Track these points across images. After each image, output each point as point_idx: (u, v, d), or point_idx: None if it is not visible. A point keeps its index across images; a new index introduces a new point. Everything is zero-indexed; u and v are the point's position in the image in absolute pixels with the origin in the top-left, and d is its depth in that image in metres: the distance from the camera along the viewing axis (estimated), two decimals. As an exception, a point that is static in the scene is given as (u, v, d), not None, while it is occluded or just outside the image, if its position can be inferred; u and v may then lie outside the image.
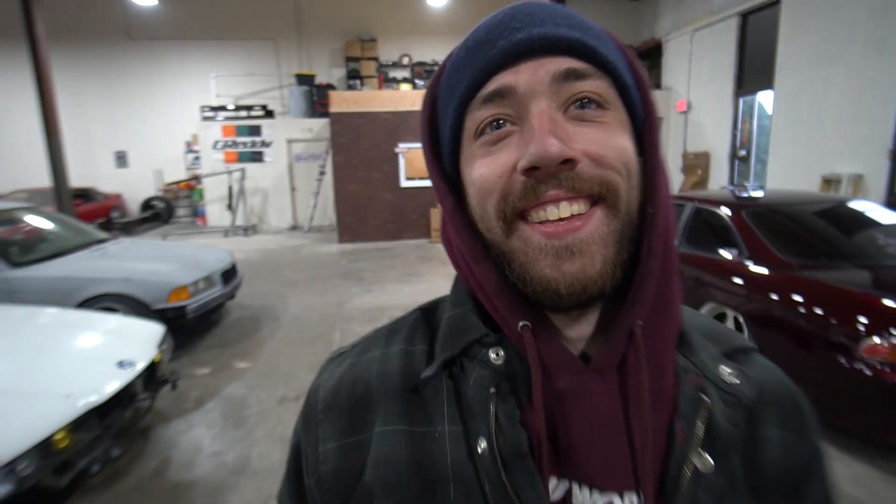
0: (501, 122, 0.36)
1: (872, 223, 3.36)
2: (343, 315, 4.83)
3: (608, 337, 0.37)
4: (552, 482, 0.37)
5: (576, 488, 0.36)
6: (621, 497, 0.36)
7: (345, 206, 8.76)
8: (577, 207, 0.35)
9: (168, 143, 12.08)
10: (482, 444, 0.36)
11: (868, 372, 2.33)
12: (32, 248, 4.05)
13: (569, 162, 0.34)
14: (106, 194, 11.52)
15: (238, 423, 2.97)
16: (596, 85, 0.36)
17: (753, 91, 7.40)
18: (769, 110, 7.08)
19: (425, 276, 6.32)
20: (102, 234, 4.79)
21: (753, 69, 7.32)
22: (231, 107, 10.61)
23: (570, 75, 0.35)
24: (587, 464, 0.36)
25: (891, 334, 2.31)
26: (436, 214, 8.80)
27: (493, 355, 0.38)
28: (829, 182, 5.86)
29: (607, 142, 0.35)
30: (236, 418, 3.01)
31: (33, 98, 6.29)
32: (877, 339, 2.33)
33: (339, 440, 0.40)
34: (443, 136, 0.41)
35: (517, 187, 0.35)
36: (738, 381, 0.40)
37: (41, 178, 7.96)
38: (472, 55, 0.37)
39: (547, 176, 0.34)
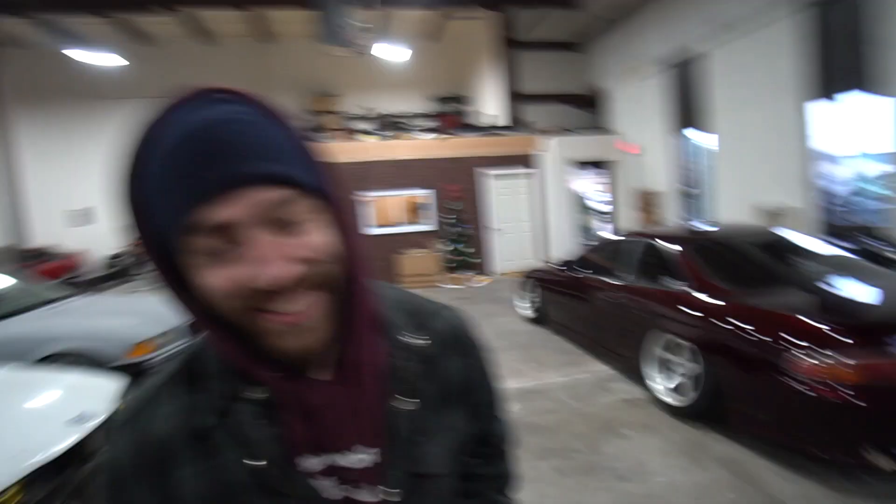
0: (224, 248, 0.43)
1: (800, 249, 3.64)
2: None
3: (337, 366, 0.51)
4: (314, 460, 0.50)
5: (335, 456, 0.51)
6: (365, 453, 0.51)
7: (315, 254, 8.75)
8: (305, 300, 0.45)
9: (134, 199, 11.94)
10: (257, 464, 0.48)
11: (808, 390, 2.41)
12: (-12, 307, 3.96)
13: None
14: (70, 251, 11.25)
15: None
16: (300, 205, 0.45)
17: (693, 132, 7.98)
18: (710, 149, 7.63)
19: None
20: (64, 291, 4.71)
21: (692, 113, 7.92)
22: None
23: (277, 205, 0.43)
24: (340, 441, 0.51)
25: (824, 354, 2.40)
26: (401, 260, 8.92)
27: (254, 395, 0.49)
28: (766, 212, 6.30)
29: (313, 245, 0.45)
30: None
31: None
32: (812, 358, 2.43)
33: (154, 495, 0.48)
34: (160, 228, 0.45)
35: (250, 294, 0.43)
36: (423, 343, 0.58)
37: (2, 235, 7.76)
38: (175, 185, 0.42)
39: (281, 291, 0.44)
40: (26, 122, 10.71)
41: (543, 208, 9.65)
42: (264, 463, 0.48)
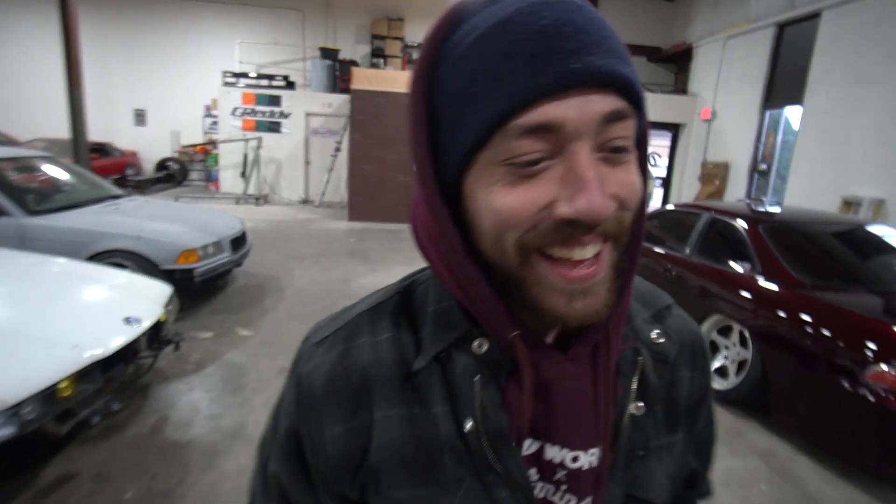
0: (539, 158, 0.34)
1: (890, 249, 3.32)
2: (347, 293, 4.85)
3: (586, 333, 0.41)
4: (527, 442, 0.42)
5: (547, 446, 0.42)
6: (586, 452, 0.42)
7: (357, 185, 8.75)
8: (594, 248, 0.36)
9: (187, 106, 12.08)
10: (469, 425, 0.40)
11: (871, 398, 2.30)
12: (48, 198, 4.09)
13: None
14: (122, 151, 11.58)
15: (236, 388, 3.00)
16: (629, 126, 0.36)
17: (781, 105, 7.25)
18: (795, 126, 6.95)
19: (432, 262, 6.31)
20: (117, 190, 4.82)
21: (784, 83, 7.16)
22: (253, 74, 10.56)
23: (614, 117, 0.34)
24: (560, 430, 0.42)
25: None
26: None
27: (476, 346, 0.41)
28: (850, 204, 5.77)
29: (631, 184, 0.36)
30: (235, 384, 3.05)
31: (56, 49, 6.28)
32: (884, 367, 2.30)
33: (345, 424, 0.42)
34: (446, 138, 0.37)
35: (547, 225, 0.35)
36: (662, 341, 0.48)
37: (59, 128, 8.00)
38: (511, 68, 0.33)
39: (587, 228, 0.34)
40: (89, 18, 10.69)
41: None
42: (478, 428, 0.40)
